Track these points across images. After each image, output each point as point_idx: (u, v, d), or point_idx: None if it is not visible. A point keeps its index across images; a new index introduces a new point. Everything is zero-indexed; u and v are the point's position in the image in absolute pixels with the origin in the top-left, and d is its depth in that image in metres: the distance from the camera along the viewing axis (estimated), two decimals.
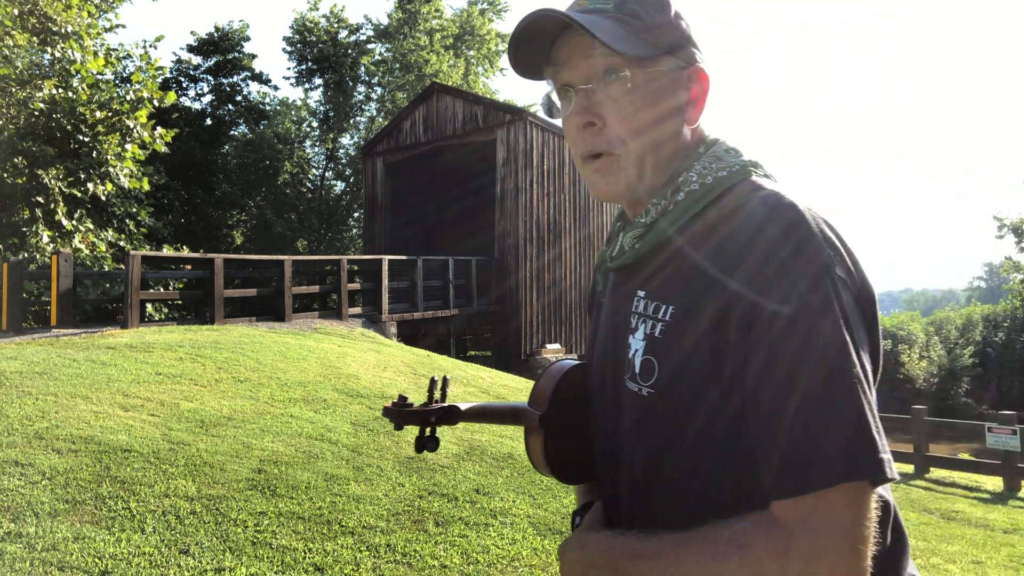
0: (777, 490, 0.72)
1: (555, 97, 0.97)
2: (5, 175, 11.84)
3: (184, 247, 16.58)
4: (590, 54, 0.89)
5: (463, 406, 1.01)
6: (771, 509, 0.73)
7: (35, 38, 12.04)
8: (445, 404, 1.00)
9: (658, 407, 0.85)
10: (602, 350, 1.00)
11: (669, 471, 0.85)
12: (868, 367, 0.76)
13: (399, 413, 0.99)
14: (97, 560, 3.03)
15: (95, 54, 12.86)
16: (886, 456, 0.72)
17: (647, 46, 0.89)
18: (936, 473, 9.92)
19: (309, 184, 31.17)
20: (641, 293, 0.91)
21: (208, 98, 27.74)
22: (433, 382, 1.01)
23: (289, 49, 29.42)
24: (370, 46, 30.42)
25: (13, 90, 12.11)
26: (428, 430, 1.00)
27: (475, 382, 8.99)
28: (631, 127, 0.89)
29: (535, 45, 0.93)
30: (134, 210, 14.65)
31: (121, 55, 17.60)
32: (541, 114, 22.25)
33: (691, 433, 0.82)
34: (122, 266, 11.32)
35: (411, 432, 5.95)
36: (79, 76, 12.44)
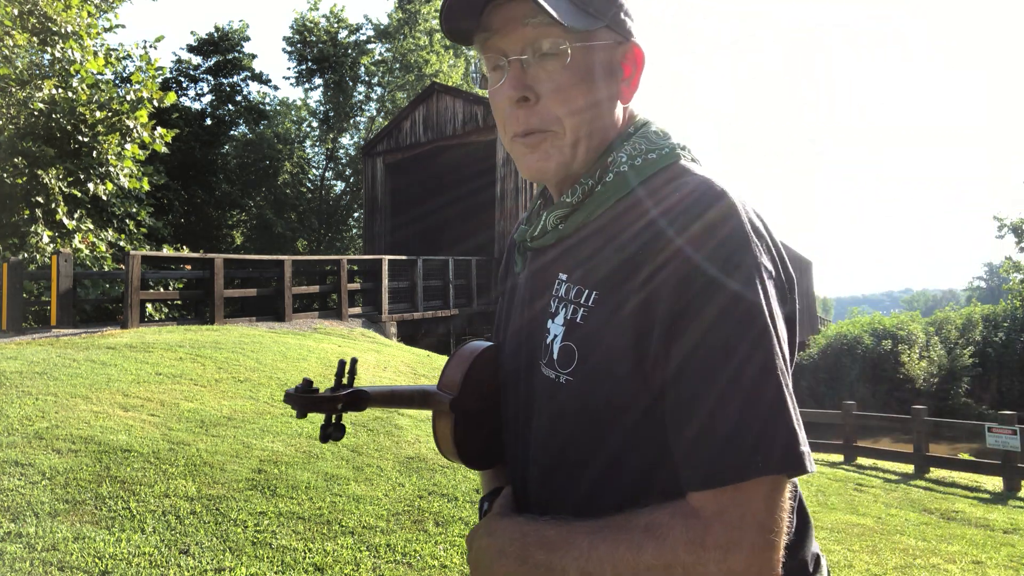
0: (694, 481, 0.71)
1: (484, 66, 0.90)
2: (5, 175, 11.84)
3: (184, 247, 16.58)
4: (527, 23, 0.83)
5: (370, 390, 0.95)
6: (688, 500, 0.72)
7: (35, 38, 12.04)
8: (352, 389, 0.93)
9: (575, 395, 0.82)
10: (517, 333, 0.96)
11: (583, 459, 0.83)
12: (788, 359, 0.76)
13: (302, 400, 0.90)
14: (97, 560, 3.03)
15: (95, 54, 12.86)
16: (805, 449, 0.72)
17: (587, 18, 0.84)
18: (936, 473, 9.91)
19: (309, 184, 31.17)
20: (563, 276, 0.88)
21: (208, 98, 27.75)
22: (341, 364, 0.94)
23: (289, 49, 29.42)
24: (370, 46, 30.43)
25: (13, 90, 12.11)
26: (334, 417, 0.93)
27: None
28: (568, 105, 0.85)
29: (469, 6, 0.85)
30: (134, 210, 14.64)
31: (121, 55, 17.57)
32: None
33: (607, 421, 0.80)
34: (122, 266, 11.32)
35: (411, 431, 5.95)
36: (79, 76, 12.44)
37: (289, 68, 38.30)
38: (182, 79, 27.18)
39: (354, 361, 0.95)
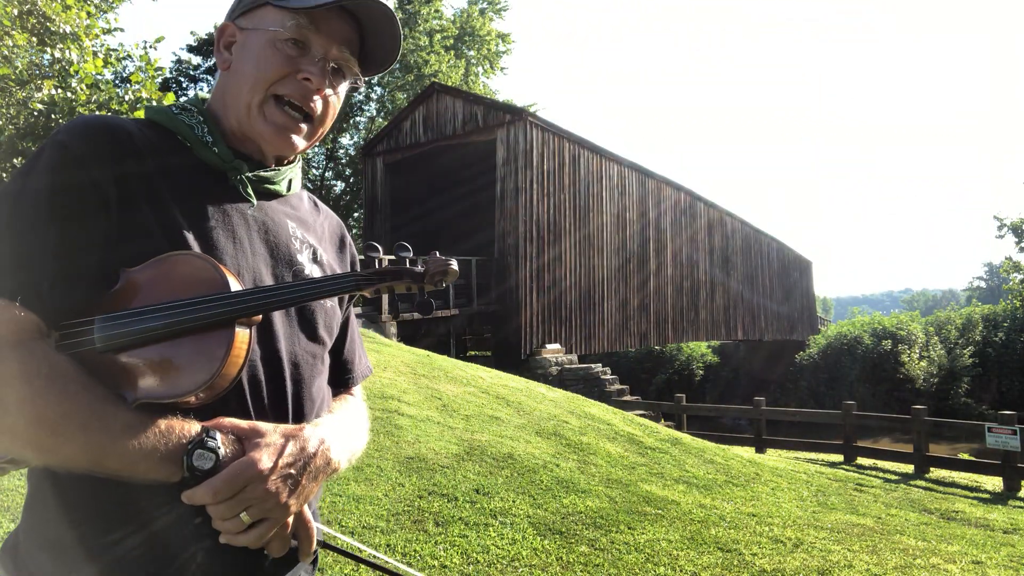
0: (357, 378, 1.22)
1: (306, 29, 1.01)
2: (5, 175, 11.85)
3: None
4: (354, 52, 1.06)
5: None
6: (353, 392, 1.21)
7: (34, 38, 12.03)
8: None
9: (319, 326, 1.07)
10: (253, 262, 1.00)
11: (314, 379, 1.05)
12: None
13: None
14: None
15: (94, 54, 12.85)
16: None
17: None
18: (936, 473, 9.91)
19: (309, 184, 31.17)
20: (292, 224, 1.09)
21: None
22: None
23: None
24: None
25: (13, 90, 12.10)
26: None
27: (475, 382, 8.98)
28: (332, 117, 1.08)
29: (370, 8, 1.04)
30: None
31: (121, 55, 17.59)
32: (542, 114, 22.16)
33: (328, 345, 1.11)
34: None
35: (411, 431, 5.95)
36: (78, 77, 12.42)
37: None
38: (182, 79, 27.18)
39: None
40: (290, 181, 1.12)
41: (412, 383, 8.19)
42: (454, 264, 1.03)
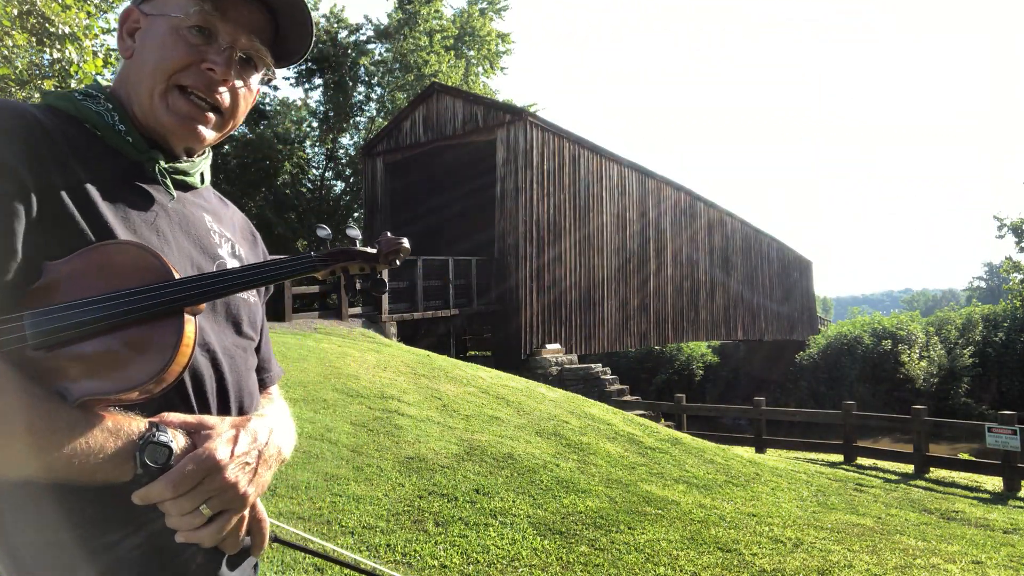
0: (273, 378, 1.21)
1: (211, 16, 0.96)
2: None
3: None
4: (266, 42, 1.02)
5: None
6: (272, 391, 1.19)
7: (33, 39, 12.02)
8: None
9: (243, 322, 1.06)
10: (179, 256, 0.96)
11: (249, 373, 1.04)
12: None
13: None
14: None
15: (94, 54, 12.84)
16: None
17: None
18: (936, 473, 9.91)
19: (309, 184, 31.17)
20: (208, 217, 1.05)
21: None
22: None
23: None
24: (370, 46, 30.41)
25: (13, 90, 12.09)
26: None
27: (475, 382, 8.98)
28: (243, 110, 1.04)
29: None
30: None
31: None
32: (542, 114, 22.14)
33: (255, 341, 1.10)
34: None
35: (411, 431, 5.95)
36: (77, 77, 12.42)
37: (289, 68, 38.34)
38: None
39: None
40: (202, 174, 1.07)
41: (412, 383, 8.19)
42: (406, 243, 1.03)
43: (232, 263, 1.04)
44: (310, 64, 29.32)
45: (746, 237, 28.06)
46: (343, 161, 31.14)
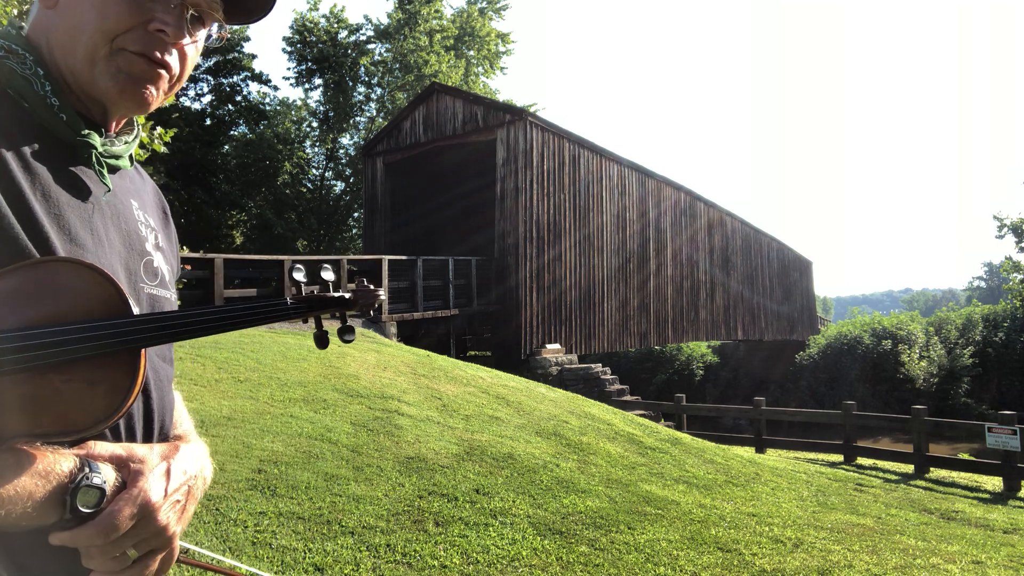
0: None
1: None
2: None
3: (184, 247, 16.56)
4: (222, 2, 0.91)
5: None
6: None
7: None
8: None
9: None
10: (111, 258, 0.86)
11: (168, 387, 0.94)
12: None
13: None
14: None
15: None
16: None
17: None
18: (936, 473, 9.91)
19: (309, 184, 31.17)
20: (135, 203, 0.94)
21: (208, 98, 27.77)
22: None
23: (289, 49, 29.42)
24: (370, 46, 30.43)
25: None
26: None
27: (475, 382, 8.98)
28: (186, 73, 0.92)
29: None
30: None
31: None
32: (542, 115, 22.11)
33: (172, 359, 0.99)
34: None
35: (411, 431, 5.95)
36: None
37: (289, 68, 38.38)
38: None
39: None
40: (130, 155, 0.97)
41: (412, 383, 8.19)
42: (382, 294, 1.02)
43: (156, 256, 0.94)
44: (310, 64, 29.33)
45: (746, 237, 28.06)
46: (343, 161, 31.15)
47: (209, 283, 11.13)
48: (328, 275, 0.96)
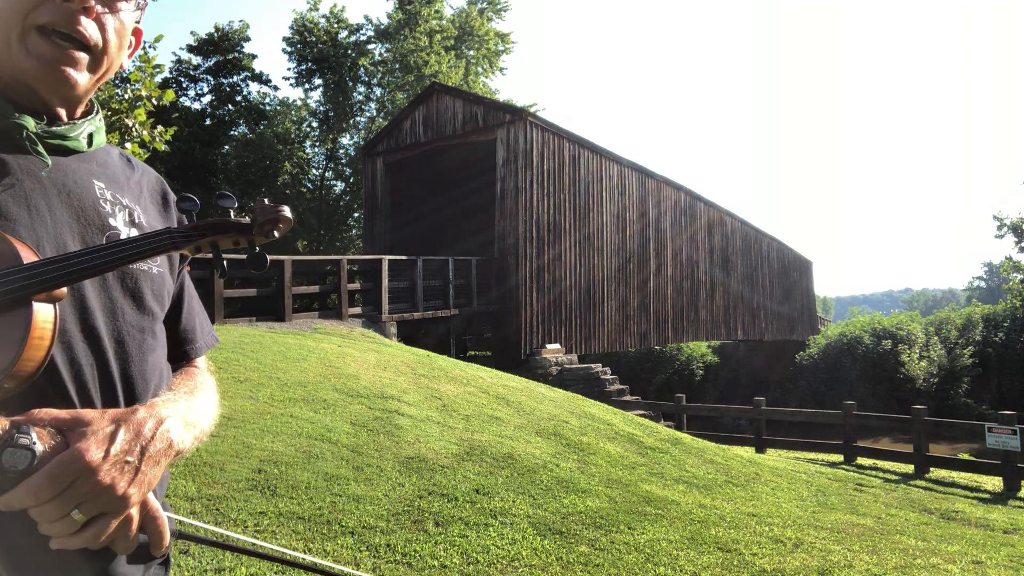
0: (200, 349, 1.15)
1: None
2: None
3: None
4: None
5: None
6: (197, 364, 1.14)
7: None
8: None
9: (146, 296, 0.98)
10: (56, 231, 0.88)
11: (145, 355, 0.96)
12: None
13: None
14: None
15: None
16: None
17: None
18: (936, 473, 9.91)
19: (309, 184, 31.16)
20: (100, 184, 0.95)
21: (208, 98, 27.78)
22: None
23: (289, 49, 29.42)
24: (370, 46, 30.42)
25: None
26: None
27: (475, 382, 8.98)
28: (118, 46, 0.92)
29: None
30: None
31: None
32: (542, 115, 22.09)
33: (159, 317, 1.01)
34: None
35: (411, 431, 5.95)
36: None
37: (289, 68, 38.35)
38: (182, 79, 27.19)
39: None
40: (91, 136, 0.97)
41: (412, 383, 8.18)
42: (286, 211, 0.93)
43: (129, 232, 0.95)
44: (310, 64, 29.33)
45: (746, 237, 28.07)
46: (343, 161, 31.15)
47: (209, 283, 11.12)
48: (226, 202, 0.92)
